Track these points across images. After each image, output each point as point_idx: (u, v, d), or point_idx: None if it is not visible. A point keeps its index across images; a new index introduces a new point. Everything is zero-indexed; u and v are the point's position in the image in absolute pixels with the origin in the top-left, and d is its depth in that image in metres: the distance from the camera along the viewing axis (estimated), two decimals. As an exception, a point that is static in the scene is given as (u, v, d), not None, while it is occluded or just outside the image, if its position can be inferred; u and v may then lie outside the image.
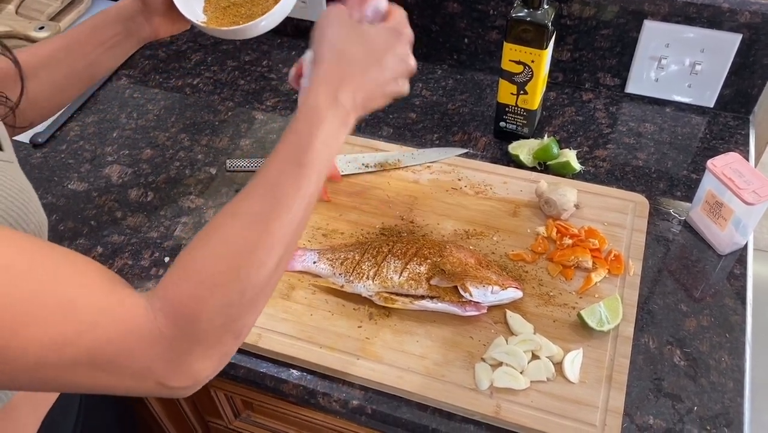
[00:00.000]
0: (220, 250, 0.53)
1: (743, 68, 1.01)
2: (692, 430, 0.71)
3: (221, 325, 0.52)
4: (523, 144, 0.99)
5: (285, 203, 0.55)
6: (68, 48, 0.80)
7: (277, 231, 0.55)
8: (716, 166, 0.83)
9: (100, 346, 0.47)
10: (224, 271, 0.52)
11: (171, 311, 0.50)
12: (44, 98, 0.79)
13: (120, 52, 0.83)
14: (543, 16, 0.89)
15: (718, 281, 0.84)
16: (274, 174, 0.57)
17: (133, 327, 0.49)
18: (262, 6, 0.85)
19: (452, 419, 0.73)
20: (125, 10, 0.81)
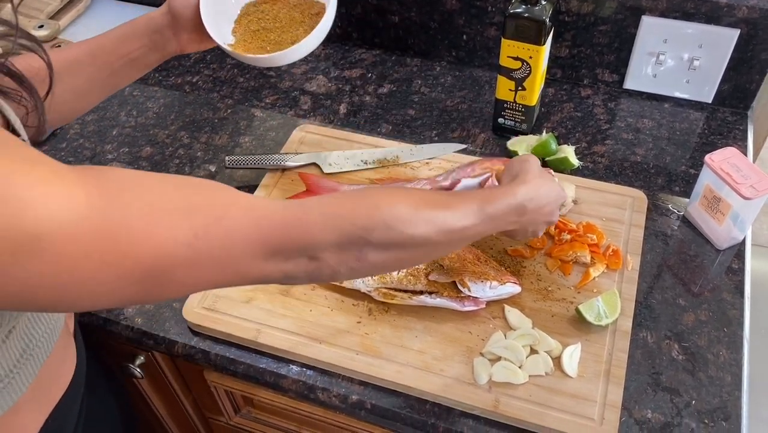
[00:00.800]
0: (386, 190, 0.60)
1: (741, 63, 1.01)
2: (690, 424, 0.71)
3: (360, 233, 0.55)
4: (521, 140, 0.99)
5: (452, 208, 0.62)
6: (93, 55, 0.79)
7: (436, 210, 0.60)
8: (714, 161, 0.83)
9: (229, 234, 0.49)
10: (387, 195, 0.58)
11: (323, 201, 0.56)
12: (63, 102, 0.79)
13: (144, 65, 0.83)
14: (541, 12, 0.89)
15: (716, 275, 0.85)
16: (457, 197, 0.64)
17: (264, 214, 0.51)
18: (291, 34, 0.84)
19: (451, 413, 0.73)
20: (154, 23, 0.80)
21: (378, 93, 1.14)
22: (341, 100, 1.13)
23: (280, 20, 0.86)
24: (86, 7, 1.34)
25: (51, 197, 0.42)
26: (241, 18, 0.88)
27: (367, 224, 0.55)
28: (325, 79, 1.18)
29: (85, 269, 0.43)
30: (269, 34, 0.85)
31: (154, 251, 0.46)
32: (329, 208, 0.55)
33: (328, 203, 0.56)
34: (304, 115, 1.11)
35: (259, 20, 0.87)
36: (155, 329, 0.82)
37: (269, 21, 0.86)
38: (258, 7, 0.88)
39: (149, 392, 0.99)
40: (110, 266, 0.44)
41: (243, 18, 0.88)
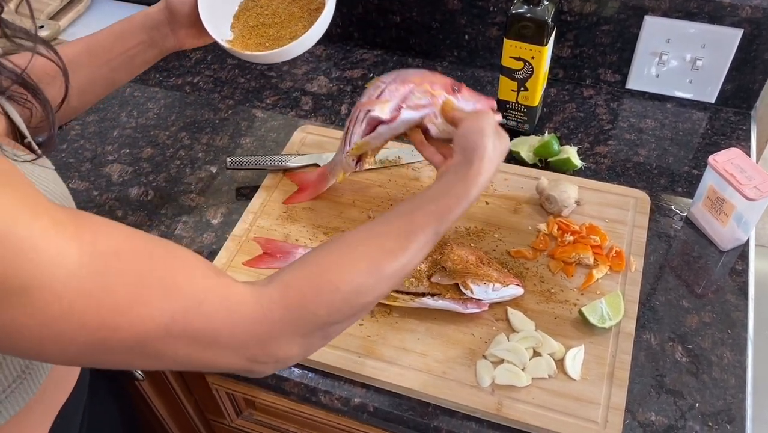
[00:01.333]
0: (333, 255, 0.57)
1: (744, 63, 1.01)
2: (694, 426, 0.71)
3: (323, 320, 0.54)
4: (523, 141, 0.99)
5: (410, 249, 0.60)
6: (91, 52, 0.79)
7: (403, 259, 0.59)
8: (717, 161, 0.83)
9: (206, 322, 0.49)
10: (335, 271, 0.56)
11: (284, 293, 0.53)
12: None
13: (142, 61, 0.82)
14: (543, 12, 0.88)
15: (719, 277, 0.84)
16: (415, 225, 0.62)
17: (238, 306, 0.51)
18: (290, 30, 0.84)
19: (454, 416, 0.73)
20: (151, 19, 0.80)
21: (379, 93, 1.13)
22: (342, 100, 1.13)
23: (279, 16, 0.85)
24: (86, 8, 1.34)
25: (47, 250, 0.42)
26: (239, 13, 0.87)
27: (330, 310, 0.55)
28: (326, 79, 1.17)
29: (63, 327, 0.44)
30: (268, 29, 0.85)
31: (131, 325, 0.46)
32: (291, 299, 0.53)
33: (289, 295, 0.54)
34: (305, 115, 1.11)
35: (257, 16, 0.86)
36: (156, 332, 0.82)
37: (268, 16, 0.86)
38: (256, 2, 0.87)
39: (151, 394, 0.99)
40: (87, 329, 0.44)
41: (241, 13, 0.87)
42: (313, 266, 0.56)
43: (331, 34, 1.24)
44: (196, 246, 0.91)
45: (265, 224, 0.91)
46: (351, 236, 0.60)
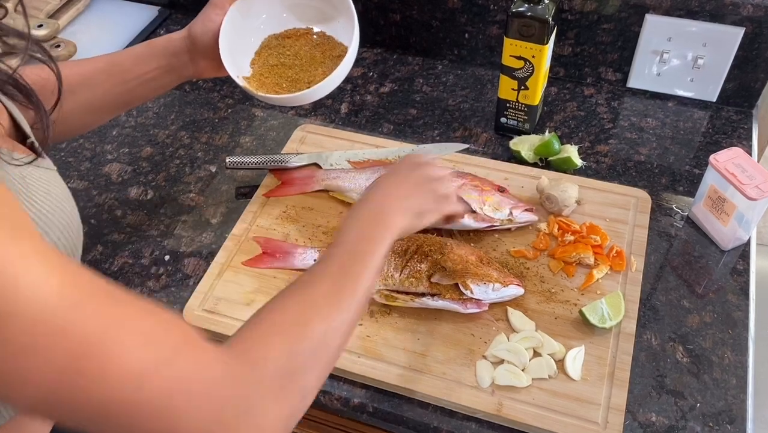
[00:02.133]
0: (285, 308, 0.56)
1: (746, 62, 1.00)
2: (695, 427, 0.71)
3: (288, 373, 0.52)
4: (524, 140, 0.99)
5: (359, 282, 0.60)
6: (109, 72, 0.79)
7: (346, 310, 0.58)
8: (719, 161, 0.83)
9: (179, 378, 0.46)
10: (289, 321, 0.55)
11: (240, 354, 0.51)
12: (76, 117, 0.78)
13: (159, 86, 0.82)
14: (543, 10, 0.88)
15: (720, 276, 0.84)
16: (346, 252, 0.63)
17: (210, 361, 0.48)
18: (309, 74, 0.82)
19: (454, 416, 0.73)
20: (173, 46, 0.79)
21: (379, 92, 1.13)
22: (342, 99, 1.13)
23: (300, 58, 0.84)
24: (86, 6, 1.33)
25: (25, 277, 0.39)
26: (261, 50, 0.86)
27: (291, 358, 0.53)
28: (326, 78, 1.17)
29: (28, 363, 0.40)
30: (287, 70, 0.84)
31: (101, 371, 0.42)
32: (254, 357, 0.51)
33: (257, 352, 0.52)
34: (304, 114, 1.10)
35: (279, 55, 0.85)
36: (156, 332, 0.82)
37: (289, 57, 0.85)
38: (280, 41, 0.86)
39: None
40: (52, 368, 0.41)
41: (263, 50, 0.86)
42: (258, 316, 0.55)
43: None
44: (195, 245, 0.91)
45: (265, 223, 0.91)
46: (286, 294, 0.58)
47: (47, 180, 0.57)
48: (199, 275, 0.87)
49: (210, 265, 0.86)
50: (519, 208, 0.86)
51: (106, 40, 1.26)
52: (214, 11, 0.79)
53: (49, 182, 0.57)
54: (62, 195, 0.58)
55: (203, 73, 0.82)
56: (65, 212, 0.57)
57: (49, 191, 0.56)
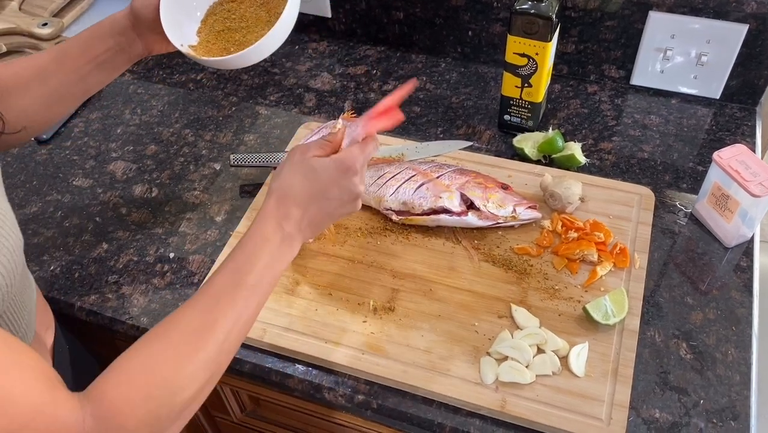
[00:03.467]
0: (155, 361, 0.55)
1: (750, 59, 1.00)
2: (698, 423, 0.71)
3: (150, 429, 0.53)
4: (527, 137, 0.99)
5: (221, 322, 0.58)
6: (59, 61, 0.78)
7: (211, 348, 0.57)
8: (722, 158, 0.83)
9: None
10: (157, 384, 0.54)
11: (100, 415, 0.51)
12: (35, 111, 0.78)
13: (111, 68, 0.81)
14: (547, 8, 0.88)
15: (724, 273, 0.84)
16: (215, 291, 0.60)
17: (63, 431, 0.48)
18: (256, 34, 0.80)
19: (458, 413, 0.73)
20: (117, 25, 0.78)
21: (383, 90, 1.13)
22: (346, 97, 1.13)
23: (246, 20, 0.83)
24: (90, 5, 1.34)
25: None
26: (207, 18, 0.84)
27: (146, 420, 0.52)
28: (329, 76, 1.17)
29: None
30: (234, 34, 0.82)
31: None
32: (108, 418, 0.51)
33: (105, 411, 0.51)
34: (308, 112, 1.10)
35: (224, 20, 0.83)
36: (161, 329, 0.82)
37: (235, 21, 0.83)
38: (224, 6, 0.85)
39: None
40: None
41: (209, 17, 0.84)
42: (122, 371, 0.54)
43: (334, 30, 1.24)
44: (199, 243, 0.91)
45: (269, 221, 0.91)
46: (155, 329, 0.58)
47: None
48: (203, 272, 0.87)
49: (215, 262, 0.86)
50: (522, 205, 0.86)
51: (110, 38, 1.26)
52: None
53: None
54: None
55: (153, 48, 0.81)
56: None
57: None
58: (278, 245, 0.64)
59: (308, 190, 0.66)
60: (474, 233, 0.88)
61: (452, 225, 0.87)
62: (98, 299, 0.86)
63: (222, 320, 0.58)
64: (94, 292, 0.86)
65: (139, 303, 0.85)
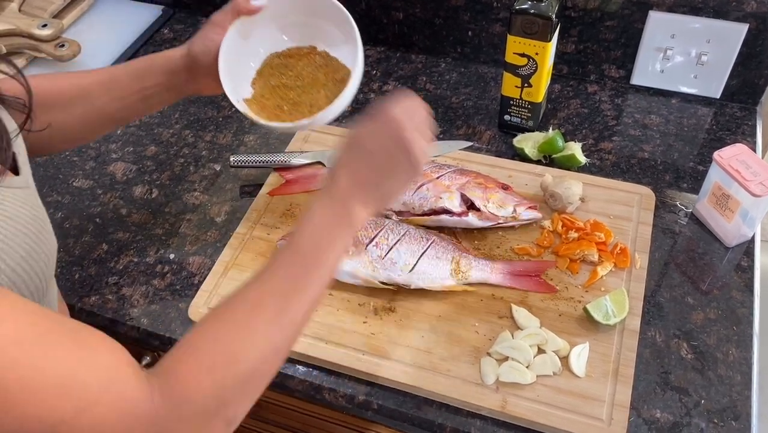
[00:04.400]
0: (218, 334, 0.54)
1: (750, 58, 1.00)
2: (699, 423, 0.71)
3: (214, 409, 0.52)
4: (527, 137, 0.99)
5: (294, 299, 0.57)
6: (107, 86, 0.78)
7: (273, 319, 0.56)
8: (723, 157, 0.82)
9: (97, 425, 0.46)
10: (219, 352, 0.53)
11: (167, 389, 0.51)
12: (74, 128, 0.78)
13: (157, 102, 0.81)
14: (547, 8, 0.88)
15: (725, 273, 0.84)
16: (285, 273, 0.58)
17: (132, 407, 0.48)
18: (311, 96, 0.79)
19: (458, 413, 0.73)
20: (173, 64, 0.77)
21: (383, 90, 1.13)
22: (346, 97, 1.12)
23: (303, 79, 0.81)
24: (90, 6, 1.34)
25: None
26: (263, 69, 0.82)
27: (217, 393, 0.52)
28: (329, 76, 1.17)
29: None
30: (288, 92, 0.81)
31: (16, 425, 0.42)
32: (175, 390, 0.51)
33: (173, 385, 0.51)
34: (308, 113, 1.10)
35: (280, 75, 0.82)
36: (161, 330, 0.82)
37: (291, 78, 0.82)
38: (283, 61, 0.83)
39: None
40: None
41: (265, 69, 0.82)
42: (188, 346, 0.54)
43: (334, 31, 1.24)
44: (200, 244, 0.91)
45: (269, 221, 0.91)
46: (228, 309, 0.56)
47: (13, 201, 0.55)
48: (204, 273, 0.87)
49: (215, 263, 0.86)
50: (523, 205, 0.86)
51: (110, 39, 1.26)
52: (214, 30, 0.76)
53: (16, 204, 0.55)
54: (27, 217, 0.56)
55: (203, 90, 0.80)
56: (29, 236, 0.55)
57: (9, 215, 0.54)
58: (345, 235, 0.60)
59: (348, 153, 0.62)
60: (474, 233, 0.88)
61: (452, 226, 0.87)
62: (98, 300, 0.86)
63: (293, 297, 0.57)
64: (95, 293, 0.86)
65: (139, 304, 0.85)
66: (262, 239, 0.89)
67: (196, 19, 1.31)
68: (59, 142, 0.80)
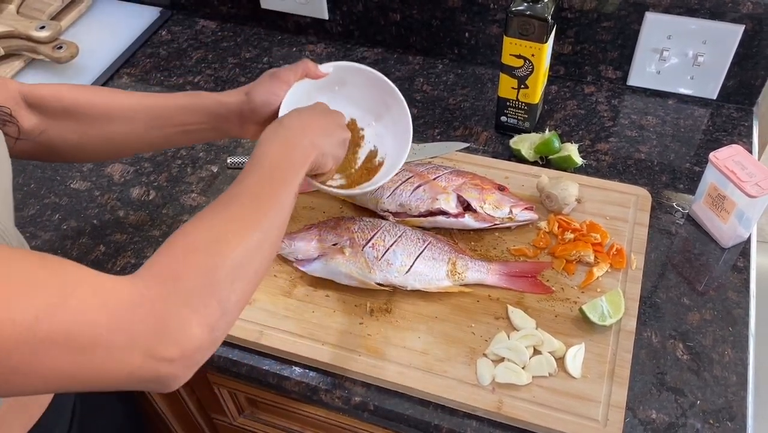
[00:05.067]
0: (201, 228, 0.56)
1: (746, 59, 1.00)
2: (695, 424, 0.71)
3: (205, 286, 0.52)
4: (524, 138, 0.99)
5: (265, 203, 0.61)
6: (151, 113, 0.78)
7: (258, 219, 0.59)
8: (718, 158, 0.83)
9: (78, 317, 0.45)
10: (205, 239, 0.55)
11: (155, 273, 0.51)
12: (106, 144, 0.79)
13: (197, 138, 0.81)
14: (543, 9, 0.88)
15: (721, 274, 0.84)
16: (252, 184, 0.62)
17: (111, 294, 0.47)
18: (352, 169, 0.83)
19: (454, 414, 0.73)
20: (224, 109, 0.77)
21: (380, 92, 1.13)
22: (343, 99, 1.13)
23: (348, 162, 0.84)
24: (88, 8, 1.34)
25: None
26: None
27: (207, 272, 0.52)
28: (326, 78, 1.17)
29: None
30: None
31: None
32: (164, 272, 0.51)
33: (161, 268, 0.52)
34: (306, 114, 1.10)
35: None
36: (158, 331, 0.82)
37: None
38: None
39: (154, 393, 0.99)
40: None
41: None
42: (170, 241, 0.55)
43: (331, 32, 1.24)
44: (197, 246, 0.91)
45: (266, 223, 0.91)
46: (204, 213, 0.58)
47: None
48: (200, 274, 0.87)
49: (211, 264, 0.86)
50: (519, 206, 0.86)
51: (108, 41, 1.27)
52: (279, 86, 0.76)
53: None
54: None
55: (247, 135, 0.80)
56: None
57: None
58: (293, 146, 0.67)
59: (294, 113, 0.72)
60: (471, 234, 0.88)
61: (449, 227, 0.87)
62: (95, 302, 0.86)
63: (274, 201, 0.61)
64: (92, 294, 0.86)
65: (136, 306, 0.85)
66: (258, 240, 0.89)
67: (194, 20, 1.32)
68: (89, 153, 0.80)
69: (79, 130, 0.76)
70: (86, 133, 0.76)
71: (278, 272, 0.85)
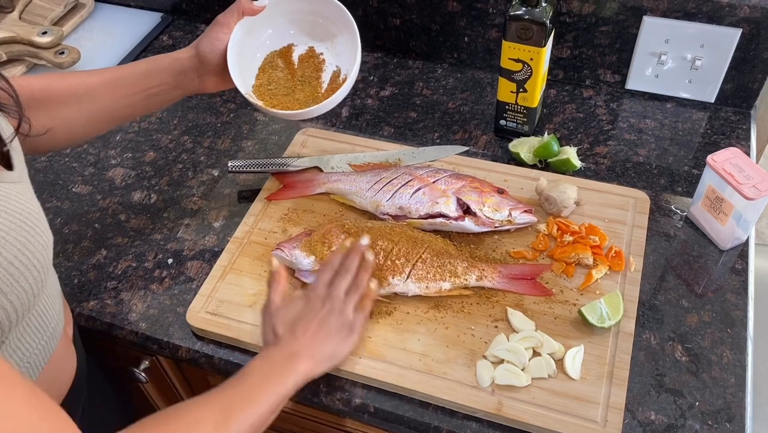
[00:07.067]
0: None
1: (743, 63, 1.01)
2: (694, 425, 0.71)
3: None
4: (523, 142, 0.99)
5: (234, 417, 0.62)
6: (112, 85, 0.80)
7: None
8: (716, 161, 0.83)
9: None
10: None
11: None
12: (78, 125, 0.81)
13: (162, 101, 0.84)
14: (541, 13, 0.89)
15: (719, 276, 0.84)
16: (227, 394, 0.64)
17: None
18: (307, 91, 0.87)
19: (454, 416, 0.73)
20: (179, 64, 0.81)
21: (380, 96, 1.14)
22: (343, 103, 1.13)
23: (303, 75, 0.89)
24: (89, 13, 1.35)
25: None
26: (265, 64, 0.89)
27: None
28: (327, 82, 1.18)
29: None
30: (289, 84, 0.88)
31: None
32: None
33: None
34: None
35: (283, 68, 0.89)
36: (159, 334, 0.83)
37: (291, 73, 0.89)
38: (284, 57, 0.90)
39: (154, 396, 1.00)
40: None
41: (268, 64, 0.89)
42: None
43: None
44: (198, 249, 0.92)
45: (267, 226, 0.92)
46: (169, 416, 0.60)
47: (5, 195, 0.56)
48: (202, 277, 0.88)
49: (213, 267, 0.87)
50: (518, 209, 0.87)
51: (109, 46, 1.27)
52: (221, 30, 0.81)
53: (8, 197, 0.56)
54: (24, 210, 0.57)
55: (207, 88, 0.85)
56: (25, 229, 0.56)
57: (4, 208, 0.55)
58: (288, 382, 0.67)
59: (311, 326, 0.71)
60: (470, 237, 0.88)
61: (448, 230, 0.87)
62: (97, 305, 0.86)
63: (246, 418, 0.62)
64: (93, 298, 0.87)
65: (137, 309, 0.85)
66: (259, 243, 0.90)
67: (195, 26, 1.32)
68: (63, 139, 0.82)
69: (50, 115, 0.77)
70: (57, 117, 0.77)
71: (279, 275, 0.86)
